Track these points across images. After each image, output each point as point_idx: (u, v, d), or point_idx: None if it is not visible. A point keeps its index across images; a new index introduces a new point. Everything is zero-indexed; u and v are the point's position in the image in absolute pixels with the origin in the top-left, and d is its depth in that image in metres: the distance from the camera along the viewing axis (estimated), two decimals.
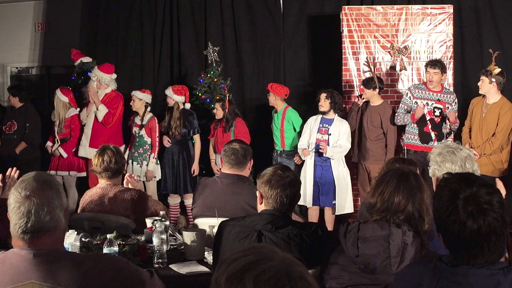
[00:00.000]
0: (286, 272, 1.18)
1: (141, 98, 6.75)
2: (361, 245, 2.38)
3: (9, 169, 3.37)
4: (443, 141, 6.05)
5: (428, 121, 6.11)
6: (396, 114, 6.31)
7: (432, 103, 6.16)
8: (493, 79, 5.95)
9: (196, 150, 6.86)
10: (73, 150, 6.94)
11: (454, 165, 2.94)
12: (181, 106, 6.82)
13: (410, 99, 6.27)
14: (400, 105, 6.37)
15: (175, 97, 6.76)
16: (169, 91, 6.80)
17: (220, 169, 6.54)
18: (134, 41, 8.37)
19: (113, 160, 3.90)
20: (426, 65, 6.27)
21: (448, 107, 6.12)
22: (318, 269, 2.61)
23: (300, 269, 1.22)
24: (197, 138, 6.84)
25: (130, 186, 4.07)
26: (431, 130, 6.08)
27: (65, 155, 6.88)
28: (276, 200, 2.79)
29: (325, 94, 6.27)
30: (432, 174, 3.09)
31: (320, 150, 6.19)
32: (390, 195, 2.47)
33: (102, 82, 6.85)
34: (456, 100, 6.23)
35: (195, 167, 6.81)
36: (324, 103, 6.27)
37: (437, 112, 6.13)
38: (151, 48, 8.29)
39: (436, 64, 6.15)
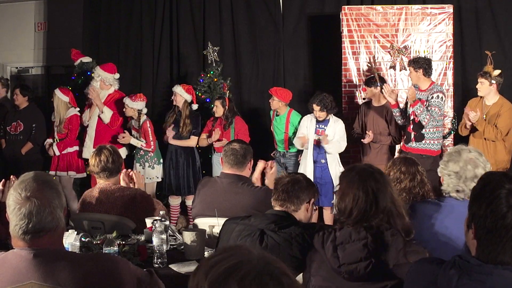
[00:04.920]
0: (267, 271, 1.19)
1: (132, 107, 6.62)
2: (341, 254, 2.32)
3: (12, 177, 3.40)
4: (423, 142, 5.85)
5: (411, 121, 6.01)
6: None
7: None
8: (493, 81, 5.91)
9: (182, 142, 6.70)
10: (72, 150, 6.93)
11: (455, 164, 2.91)
12: (188, 106, 6.77)
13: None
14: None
15: (186, 96, 6.69)
16: (179, 89, 6.68)
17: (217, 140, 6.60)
18: (134, 41, 8.37)
19: (110, 160, 3.89)
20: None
21: (426, 104, 5.84)
22: None
23: (279, 265, 1.22)
24: (194, 139, 6.77)
25: (134, 183, 4.06)
26: (412, 130, 5.98)
27: (57, 153, 6.83)
28: (277, 195, 2.89)
29: (318, 107, 6.18)
30: (440, 172, 3.06)
31: (320, 136, 6.16)
32: (362, 200, 2.37)
33: (106, 82, 6.82)
34: (437, 95, 5.79)
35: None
36: (320, 114, 6.23)
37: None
38: (150, 48, 8.30)
39: (409, 63, 6.06)
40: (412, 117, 5.95)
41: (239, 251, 1.24)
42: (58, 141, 6.90)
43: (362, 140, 6.28)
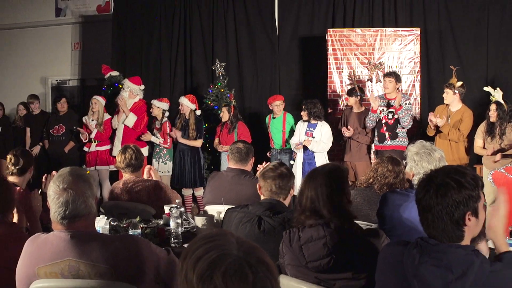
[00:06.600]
0: (246, 260, 1.13)
1: (158, 106, 6.71)
2: (306, 253, 2.26)
3: (53, 172, 3.40)
4: (397, 139, 5.98)
5: (383, 124, 6.08)
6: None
7: (387, 109, 6.07)
8: (456, 91, 5.95)
9: (190, 142, 6.64)
10: (108, 148, 6.95)
11: (430, 165, 2.93)
12: (193, 113, 6.76)
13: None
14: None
15: (191, 105, 6.71)
16: (185, 101, 6.68)
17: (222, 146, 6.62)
18: (154, 58, 8.38)
19: (134, 157, 3.90)
20: (384, 76, 6.20)
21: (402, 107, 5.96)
22: None
23: (256, 253, 1.16)
24: (199, 141, 6.72)
25: (152, 177, 4.06)
26: (385, 131, 6.05)
27: (93, 135, 6.86)
28: (267, 189, 2.82)
29: (303, 106, 6.26)
30: (409, 170, 3.06)
31: (304, 143, 6.16)
32: (312, 192, 2.31)
33: (134, 92, 6.87)
34: (409, 101, 6.01)
35: (175, 135, 6.64)
36: (303, 113, 6.29)
37: (390, 115, 6.05)
38: (168, 64, 8.30)
39: (391, 74, 6.12)
40: (384, 121, 6.03)
41: (219, 242, 1.17)
42: (95, 141, 6.93)
43: (343, 132, 6.33)
